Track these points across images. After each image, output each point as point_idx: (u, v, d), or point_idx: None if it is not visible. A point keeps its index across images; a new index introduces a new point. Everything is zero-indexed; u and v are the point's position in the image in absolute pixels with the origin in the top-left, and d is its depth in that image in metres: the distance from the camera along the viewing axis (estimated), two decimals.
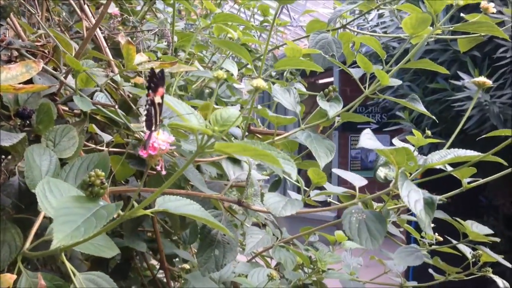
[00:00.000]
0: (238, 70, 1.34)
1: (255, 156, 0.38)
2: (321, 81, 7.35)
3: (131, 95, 0.76)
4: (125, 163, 0.68)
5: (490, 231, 0.89)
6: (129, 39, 0.68)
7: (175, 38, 0.94)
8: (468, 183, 0.86)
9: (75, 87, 0.65)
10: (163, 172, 0.45)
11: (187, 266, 0.83)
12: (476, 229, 0.87)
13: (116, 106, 0.67)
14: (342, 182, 5.89)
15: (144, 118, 0.47)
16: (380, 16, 3.27)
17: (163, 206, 0.43)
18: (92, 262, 0.94)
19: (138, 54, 0.66)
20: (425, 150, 3.14)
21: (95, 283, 0.44)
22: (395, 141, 0.93)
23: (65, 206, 0.44)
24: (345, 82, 5.71)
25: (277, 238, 1.00)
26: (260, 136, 0.83)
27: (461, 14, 1.19)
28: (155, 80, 0.49)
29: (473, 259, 0.91)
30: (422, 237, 1.10)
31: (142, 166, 0.71)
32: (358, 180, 0.67)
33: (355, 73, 0.80)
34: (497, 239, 0.90)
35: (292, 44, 0.82)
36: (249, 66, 1.34)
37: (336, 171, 0.69)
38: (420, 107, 0.78)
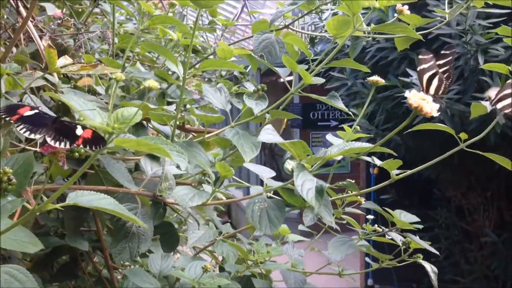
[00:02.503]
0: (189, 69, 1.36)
1: (149, 150, 0.42)
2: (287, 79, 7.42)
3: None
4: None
5: (417, 219, 0.94)
6: (50, 42, 0.70)
7: (117, 40, 0.96)
8: (397, 174, 0.91)
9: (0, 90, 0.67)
10: (65, 167, 0.48)
11: (126, 262, 0.85)
12: (404, 218, 0.92)
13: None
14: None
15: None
16: (334, 15, 3.35)
17: (74, 200, 0.46)
18: (36, 262, 0.96)
19: (62, 57, 0.68)
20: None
21: (12, 275, 0.45)
22: (329, 136, 0.98)
23: None
24: None
25: (221, 233, 1.03)
26: (195, 134, 0.86)
27: (395, 15, 1.25)
28: None
29: (404, 246, 0.97)
30: (363, 228, 1.15)
31: (78, 165, 0.73)
32: (266, 173, 0.71)
33: (283, 72, 0.84)
34: (420, 226, 0.95)
35: (223, 45, 0.85)
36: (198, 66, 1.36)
37: (247, 165, 0.73)
38: (339, 104, 0.83)
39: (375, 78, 0.78)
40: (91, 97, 0.80)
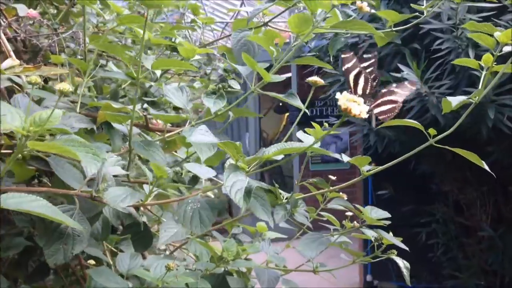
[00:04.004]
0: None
1: (61, 152, 0.42)
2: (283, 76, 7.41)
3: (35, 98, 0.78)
4: (22, 164, 0.70)
5: (387, 215, 0.94)
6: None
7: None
8: (368, 171, 0.91)
9: None
10: None
11: (92, 261, 0.86)
12: (375, 214, 0.92)
13: None
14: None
15: None
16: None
17: (2, 203, 0.46)
18: (10, 263, 0.96)
19: (9, 58, 0.68)
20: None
21: None
22: (299, 134, 0.98)
23: None
24: (303, 77, 5.79)
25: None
26: (158, 134, 0.86)
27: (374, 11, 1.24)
28: None
29: (377, 243, 0.96)
30: (342, 225, 1.15)
31: (45, 165, 0.73)
32: (205, 173, 0.70)
33: (243, 70, 0.84)
34: (388, 222, 0.95)
35: (187, 44, 0.85)
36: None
37: (187, 165, 0.72)
38: (297, 102, 0.83)
39: (315, 78, 0.77)
40: (56, 97, 0.80)
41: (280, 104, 7.94)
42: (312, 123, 0.95)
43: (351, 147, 6.37)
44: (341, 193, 1.23)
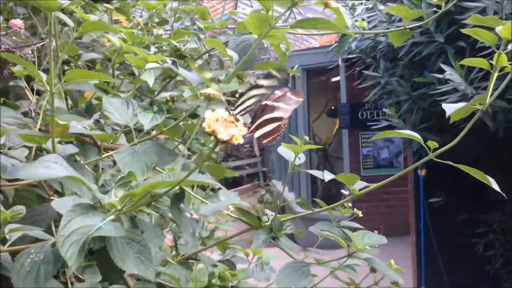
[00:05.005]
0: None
1: None
2: (333, 80, 7.25)
3: None
4: None
5: (382, 241, 0.81)
6: None
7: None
8: (360, 190, 0.79)
9: None
10: None
11: None
12: (367, 240, 0.79)
13: None
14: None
15: None
16: (368, 9, 3.17)
17: None
18: None
19: None
20: (414, 147, 3.03)
21: None
22: (280, 149, 0.87)
23: None
24: (351, 79, 5.62)
25: (179, 254, 0.95)
26: (109, 151, 0.78)
27: (382, 7, 1.12)
28: None
29: (374, 272, 0.84)
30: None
31: None
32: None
33: (193, 78, 0.73)
34: (377, 250, 0.82)
35: (139, 50, 0.76)
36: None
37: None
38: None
39: (209, 91, 0.64)
40: (11, 112, 0.74)
41: (333, 107, 7.76)
42: (293, 137, 0.84)
43: (405, 150, 6.11)
44: (355, 210, 1.12)
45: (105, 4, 1.00)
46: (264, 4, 0.64)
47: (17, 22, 1.10)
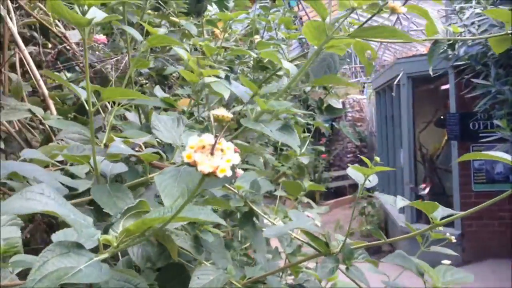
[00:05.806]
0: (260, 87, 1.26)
1: None
2: (443, 87, 6.85)
3: None
4: None
5: (469, 278, 0.70)
6: None
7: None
8: (441, 219, 0.69)
9: None
10: None
11: None
12: (450, 278, 0.69)
13: None
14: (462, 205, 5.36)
15: None
16: (478, 14, 2.93)
17: None
18: None
19: None
20: None
21: None
22: (349, 170, 0.79)
23: None
24: (460, 87, 5.26)
25: (244, 277, 0.91)
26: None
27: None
28: None
29: None
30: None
31: None
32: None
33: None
34: None
35: (193, 64, 0.72)
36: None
37: None
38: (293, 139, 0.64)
39: (219, 112, 0.56)
40: (76, 128, 0.75)
41: (442, 117, 7.32)
42: (363, 158, 0.76)
43: None
44: (448, 234, 1.01)
45: (171, 18, 1.00)
46: (319, 11, 0.58)
47: (100, 37, 1.13)
